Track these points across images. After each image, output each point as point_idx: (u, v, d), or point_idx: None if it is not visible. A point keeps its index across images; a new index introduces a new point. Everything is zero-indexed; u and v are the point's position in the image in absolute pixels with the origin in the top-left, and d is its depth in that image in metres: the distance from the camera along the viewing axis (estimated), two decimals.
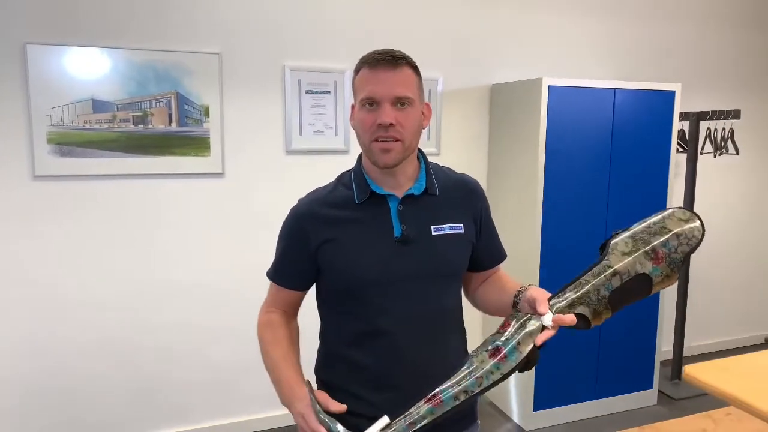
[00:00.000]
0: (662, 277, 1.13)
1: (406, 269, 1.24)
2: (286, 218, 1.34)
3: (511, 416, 3.31)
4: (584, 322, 1.14)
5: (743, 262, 4.32)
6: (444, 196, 1.31)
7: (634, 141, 3.23)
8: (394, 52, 1.22)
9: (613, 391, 3.38)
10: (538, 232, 3.05)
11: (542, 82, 2.96)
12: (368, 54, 1.23)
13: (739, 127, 3.94)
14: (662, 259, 1.12)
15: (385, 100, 1.19)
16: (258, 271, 3.00)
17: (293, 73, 2.99)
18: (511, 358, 1.08)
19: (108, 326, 2.84)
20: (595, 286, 1.12)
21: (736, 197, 4.22)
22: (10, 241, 2.66)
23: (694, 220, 1.15)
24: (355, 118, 1.26)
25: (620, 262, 1.13)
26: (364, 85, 1.22)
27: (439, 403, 1.07)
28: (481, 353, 1.11)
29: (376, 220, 1.26)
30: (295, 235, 1.31)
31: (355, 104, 1.26)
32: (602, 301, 1.12)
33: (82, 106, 2.67)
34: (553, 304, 1.13)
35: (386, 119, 1.18)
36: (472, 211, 1.35)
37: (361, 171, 1.30)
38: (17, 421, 2.75)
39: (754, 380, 0.76)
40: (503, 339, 1.11)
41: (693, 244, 1.14)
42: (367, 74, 1.22)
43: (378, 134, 1.20)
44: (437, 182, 1.32)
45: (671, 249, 1.13)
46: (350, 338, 1.29)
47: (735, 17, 4.00)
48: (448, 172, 1.39)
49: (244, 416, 3.14)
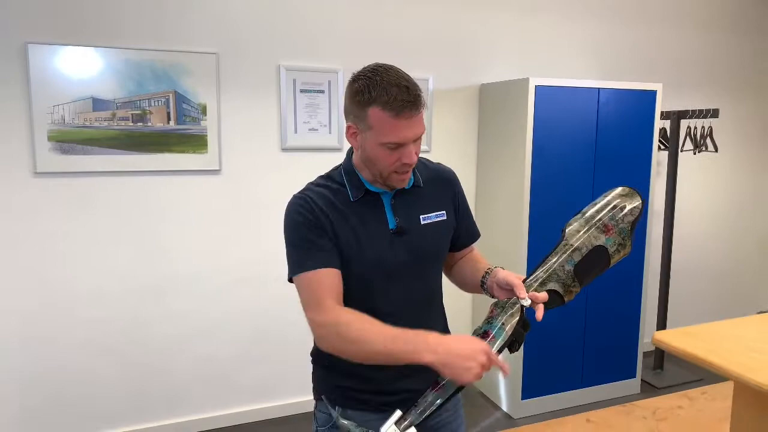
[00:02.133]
0: (616, 246, 1.28)
1: (402, 256, 1.34)
2: (289, 213, 1.33)
3: (500, 405, 3.42)
4: (557, 298, 1.26)
5: (722, 255, 4.47)
6: (427, 187, 1.41)
7: (617, 138, 3.34)
8: (411, 90, 1.21)
9: (598, 380, 3.50)
10: (525, 226, 3.16)
11: (529, 82, 3.06)
12: (381, 92, 1.20)
13: (717, 125, 4.08)
14: (612, 230, 1.28)
15: (410, 141, 1.24)
16: (254, 264, 3.10)
17: (288, 72, 3.07)
18: (498, 337, 1.18)
19: (107, 319, 2.91)
20: (560, 263, 1.26)
21: (715, 192, 4.36)
22: (12, 236, 2.72)
23: (633, 194, 1.33)
24: (370, 150, 1.26)
25: (577, 238, 1.28)
26: (389, 131, 1.21)
27: (441, 389, 1.16)
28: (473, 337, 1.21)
29: (372, 214, 1.34)
30: (311, 221, 1.29)
31: (360, 130, 1.27)
32: (569, 275, 1.25)
33: (83, 104, 2.73)
34: (528, 284, 1.25)
35: (414, 160, 1.26)
36: (450, 198, 1.45)
37: (354, 170, 1.35)
38: (17, 410, 2.81)
39: (718, 344, 0.85)
40: (490, 324, 1.21)
41: (636, 213, 1.30)
42: (389, 119, 1.21)
43: (403, 169, 1.28)
44: (420, 175, 1.41)
45: (618, 220, 1.29)
46: None
47: (714, 21, 4.14)
48: (426, 162, 1.47)
49: (241, 407, 3.21)
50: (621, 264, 3.82)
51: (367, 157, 1.29)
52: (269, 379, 3.23)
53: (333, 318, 1.21)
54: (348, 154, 1.39)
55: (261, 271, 3.11)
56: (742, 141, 4.38)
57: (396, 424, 1.13)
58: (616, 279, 3.44)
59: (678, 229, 4.10)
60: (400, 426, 1.14)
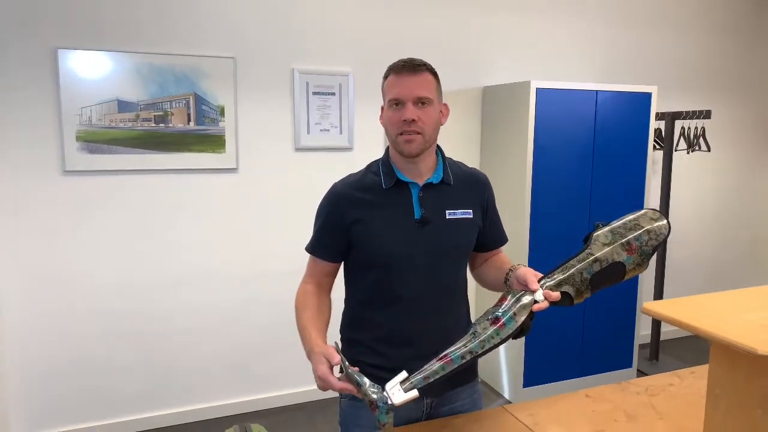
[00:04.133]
0: (634, 266, 1.36)
1: (425, 246, 1.46)
2: (323, 199, 1.54)
3: (502, 393, 3.58)
4: (568, 299, 1.36)
5: (714, 251, 4.63)
6: (457, 185, 1.54)
7: (614, 139, 3.48)
8: (415, 60, 1.45)
9: (596, 369, 3.65)
10: (527, 222, 3.31)
11: (530, 85, 3.21)
12: (394, 62, 1.46)
13: (710, 126, 4.23)
14: (635, 251, 1.36)
15: (408, 100, 1.41)
16: (270, 258, 3.24)
17: (301, 75, 3.22)
18: (508, 326, 1.28)
19: (130, 310, 3.06)
20: (579, 270, 1.34)
21: (707, 190, 4.52)
22: (42, 231, 2.87)
23: (662, 219, 1.40)
24: (384, 117, 1.48)
25: (601, 251, 1.35)
26: (391, 89, 1.44)
27: (449, 362, 1.26)
28: (483, 322, 1.31)
29: (399, 203, 1.48)
30: (331, 213, 1.50)
31: (384, 105, 1.48)
32: (585, 283, 1.34)
33: (108, 106, 2.88)
34: (543, 282, 1.35)
35: (409, 116, 1.41)
36: (480, 200, 1.58)
37: (389, 161, 1.52)
38: (45, 399, 2.96)
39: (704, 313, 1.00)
40: (501, 310, 1.31)
41: (660, 239, 1.38)
42: (393, 80, 1.44)
43: (403, 129, 1.42)
44: (452, 174, 1.54)
45: (642, 242, 1.36)
46: (373, 303, 1.51)
47: (707, 25, 4.30)
48: (462, 166, 1.62)
49: (257, 395, 3.37)
50: None
51: (384, 126, 1.48)
52: (285, 367, 3.38)
53: (301, 290, 1.56)
54: (386, 149, 1.55)
55: (276, 265, 3.26)
56: (734, 141, 4.54)
57: (401, 384, 1.22)
58: None
59: (672, 225, 4.24)
60: (403, 386, 1.22)
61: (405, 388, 1.22)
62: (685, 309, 0.97)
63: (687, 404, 1.62)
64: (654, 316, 0.92)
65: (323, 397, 3.41)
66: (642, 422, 1.51)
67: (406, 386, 1.22)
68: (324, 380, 1.26)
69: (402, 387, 1.22)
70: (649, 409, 1.59)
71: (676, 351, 4.29)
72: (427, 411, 1.53)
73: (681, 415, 1.54)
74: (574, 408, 1.59)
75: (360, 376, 1.24)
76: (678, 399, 1.65)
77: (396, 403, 1.21)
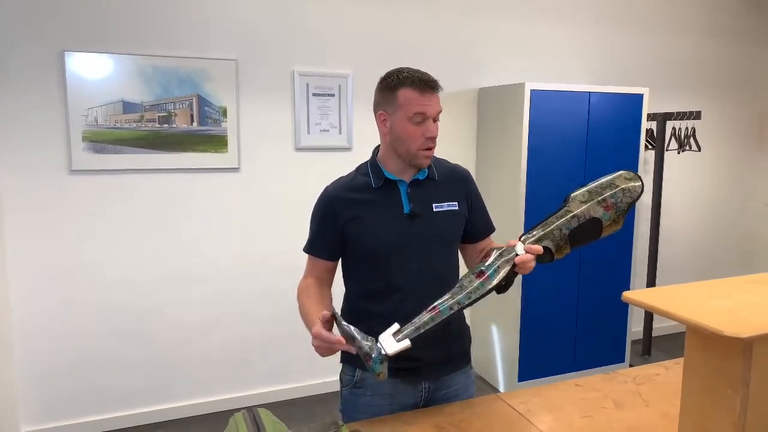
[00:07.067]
0: (610, 222, 1.44)
1: (416, 237, 1.56)
2: (317, 202, 1.62)
3: (497, 387, 3.66)
4: (549, 254, 1.44)
5: (705, 248, 4.72)
6: (442, 181, 1.64)
7: (607, 139, 3.55)
8: (431, 77, 1.51)
9: (589, 364, 3.74)
10: (521, 222, 3.38)
11: (525, 87, 3.28)
12: (407, 75, 1.49)
13: (700, 126, 4.31)
14: (611, 207, 1.45)
15: (431, 117, 1.51)
16: (271, 255, 3.32)
17: (302, 77, 3.30)
18: (492, 278, 1.36)
19: (136, 306, 3.13)
20: (558, 226, 1.43)
21: (698, 189, 4.61)
22: (49, 229, 2.94)
23: (636, 180, 1.49)
24: (399, 128, 1.51)
25: (578, 208, 1.45)
26: (413, 104, 1.47)
27: (438, 313, 1.32)
28: (469, 275, 1.40)
29: (389, 200, 1.58)
30: (325, 215, 1.60)
31: (388, 114, 1.52)
32: (563, 238, 1.43)
33: (114, 107, 2.95)
34: (525, 239, 1.44)
35: (436, 134, 1.51)
36: (464, 193, 1.68)
37: (377, 162, 1.61)
38: (54, 393, 3.03)
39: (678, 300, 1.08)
40: (486, 265, 1.39)
41: (635, 197, 1.47)
42: (415, 95, 1.47)
43: (428, 145, 1.52)
44: (436, 170, 1.64)
45: (618, 200, 1.45)
46: (370, 294, 1.60)
47: (697, 28, 4.38)
48: (444, 162, 1.72)
49: (260, 389, 3.44)
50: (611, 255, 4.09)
51: (397, 137, 1.52)
52: (286, 362, 3.46)
53: (302, 284, 1.62)
54: (374, 152, 1.64)
55: (276, 260, 3.34)
56: (723, 140, 4.63)
57: (393, 335, 1.29)
58: (606, 270, 3.67)
59: (663, 223, 4.34)
60: (396, 337, 1.28)
61: (398, 339, 1.28)
62: (661, 297, 1.05)
63: (672, 392, 1.70)
64: (633, 304, 1.00)
65: (324, 392, 3.49)
66: (629, 409, 1.59)
67: (399, 337, 1.29)
68: (318, 336, 1.32)
69: (395, 338, 1.29)
70: (635, 397, 1.67)
71: (667, 346, 4.39)
72: (425, 395, 1.62)
73: (666, 403, 1.62)
74: (564, 396, 1.67)
75: (354, 330, 1.30)
76: (664, 388, 1.73)
77: (389, 353, 1.27)
